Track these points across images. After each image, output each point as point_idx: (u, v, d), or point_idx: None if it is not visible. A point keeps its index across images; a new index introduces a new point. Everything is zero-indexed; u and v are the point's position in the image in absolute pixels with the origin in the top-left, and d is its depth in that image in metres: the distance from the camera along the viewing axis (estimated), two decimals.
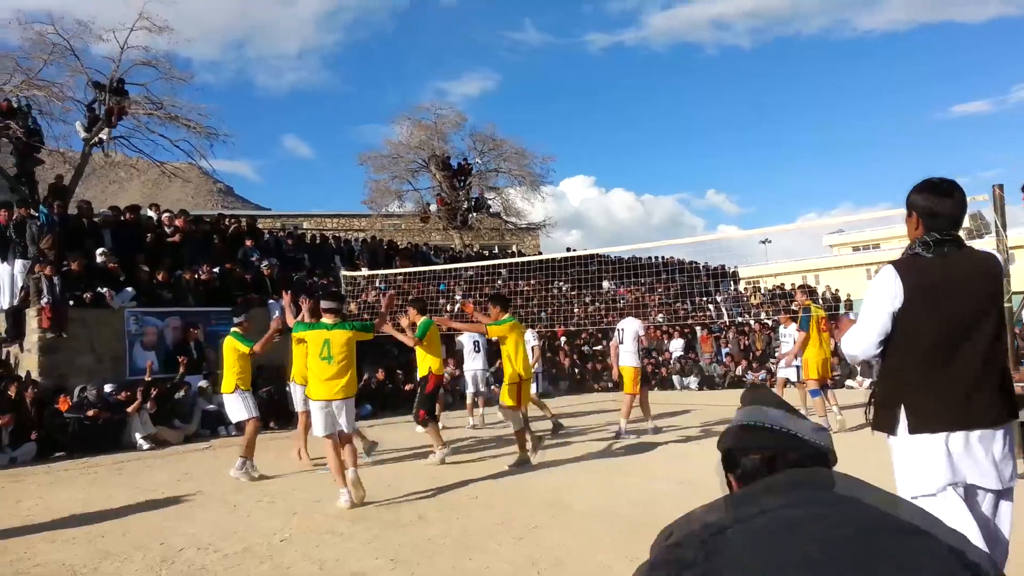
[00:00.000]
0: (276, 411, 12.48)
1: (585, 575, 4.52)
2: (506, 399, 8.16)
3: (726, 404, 14.72)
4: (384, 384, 14.96)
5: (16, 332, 12.15)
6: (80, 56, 20.07)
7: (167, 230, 15.81)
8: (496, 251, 30.35)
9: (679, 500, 6.20)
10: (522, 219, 31.81)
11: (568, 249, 27.48)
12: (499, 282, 20.32)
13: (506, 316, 8.42)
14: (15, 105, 18.84)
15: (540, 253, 30.50)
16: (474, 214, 29.87)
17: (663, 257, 26.16)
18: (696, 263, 27.49)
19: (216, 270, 15.11)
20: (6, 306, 12.42)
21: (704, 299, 23.67)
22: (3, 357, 12.11)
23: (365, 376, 14.01)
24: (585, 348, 20.42)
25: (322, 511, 6.35)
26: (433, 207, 30.07)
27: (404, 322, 9.14)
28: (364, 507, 6.42)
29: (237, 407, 8.24)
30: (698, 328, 21.84)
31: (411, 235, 30.69)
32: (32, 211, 13.37)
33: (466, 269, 19.36)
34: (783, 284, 29.79)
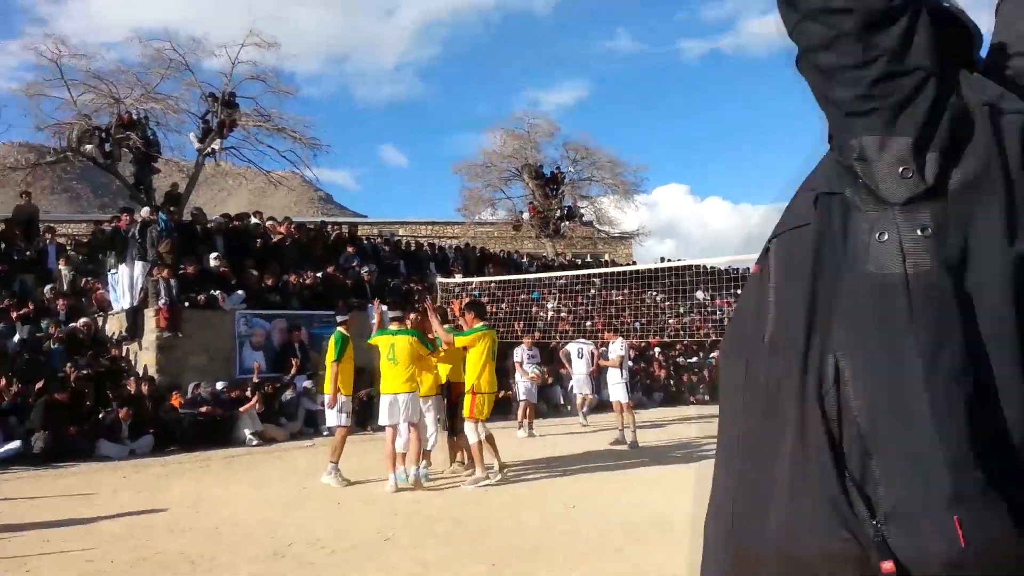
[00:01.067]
0: (374, 414, 12.76)
1: None
2: (466, 411, 7.94)
3: None
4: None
5: (135, 331, 12.89)
6: (194, 71, 21.26)
7: (273, 236, 16.48)
8: (588, 260, 30.23)
9: None
10: (615, 228, 31.58)
11: (662, 259, 27.09)
12: (592, 291, 20.23)
13: (479, 324, 8.10)
14: (135, 117, 20.08)
15: (633, 262, 30.17)
16: (566, 223, 29.84)
17: None
18: None
19: (319, 275, 15.64)
20: (127, 306, 13.19)
21: None
22: (123, 354, 12.85)
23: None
24: (680, 359, 20.05)
25: (422, 513, 6.45)
26: (525, 215, 30.22)
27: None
28: (464, 511, 6.48)
29: (333, 412, 8.37)
30: None
31: (503, 243, 30.93)
32: (152, 217, 14.16)
33: (559, 278, 19.34)
34: None
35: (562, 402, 16.43)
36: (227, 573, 4.79)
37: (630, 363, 11.39)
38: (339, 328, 8.59)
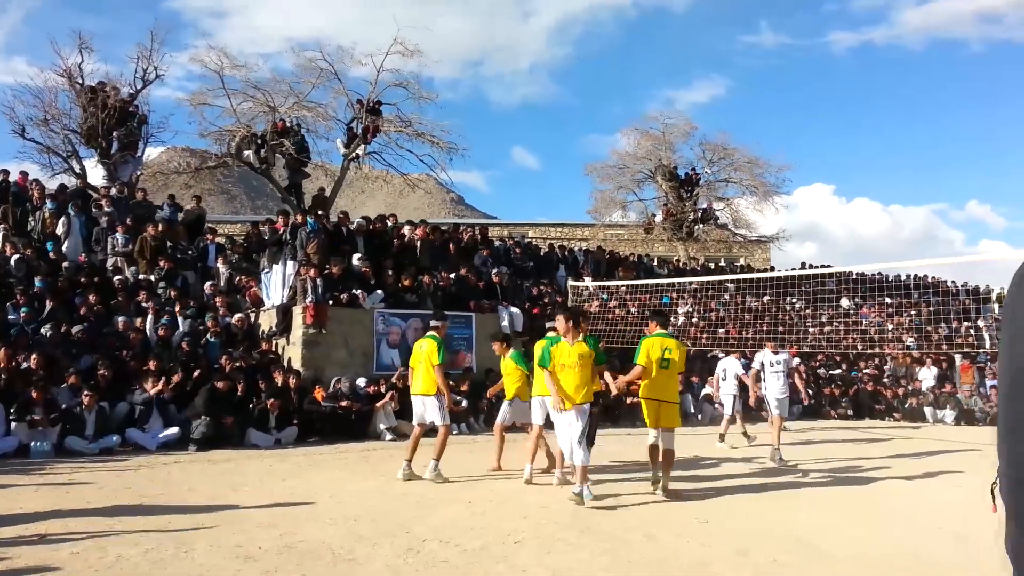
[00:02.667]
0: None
1: None
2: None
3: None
4: (607, 394, 14.92)
5: (285, 326, 13.67)
6: (342, 79, 22.28)
7: (410, 237, 17.03)
8: (722, 264, 29.33)
9: (952, 556, 5.53)
10: (752, 231, 30.46)
11: (803, 264, 25.88)
12: (726, 297, 19.60)
13: (658, 331, 8.08)
14: (288, 125, 21.31)
15: (771, 268, 29.01)
16: (701, 225, 29.07)
17: (914, 275, 23.80)
18: (954, 283, 24.69)
19: (452, 276, 16.01)
20: (278, 303, 14.01)
21: (963, 324, 21.14)
22: (273, 348, 13.66)
23: None
24: (821, 371, 19.07)
25: (552, 518, 6.44)
26: (658, 217, 29.71)
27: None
28: (592, 519, 6.42)
29: (434, 410, 8.40)
30: (957, 357, 19.52)
31: (634, 245, 30.57)
32: (302, 220, 14.98)
33: (691, 283, 18.87)
34: None
35: (692, 411, 16.00)
36: (365, 565, 4.96)
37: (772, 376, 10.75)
38: (433, 332, 8.60)
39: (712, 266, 27.96)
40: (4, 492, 7.26)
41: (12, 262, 13.34)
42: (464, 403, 13.08)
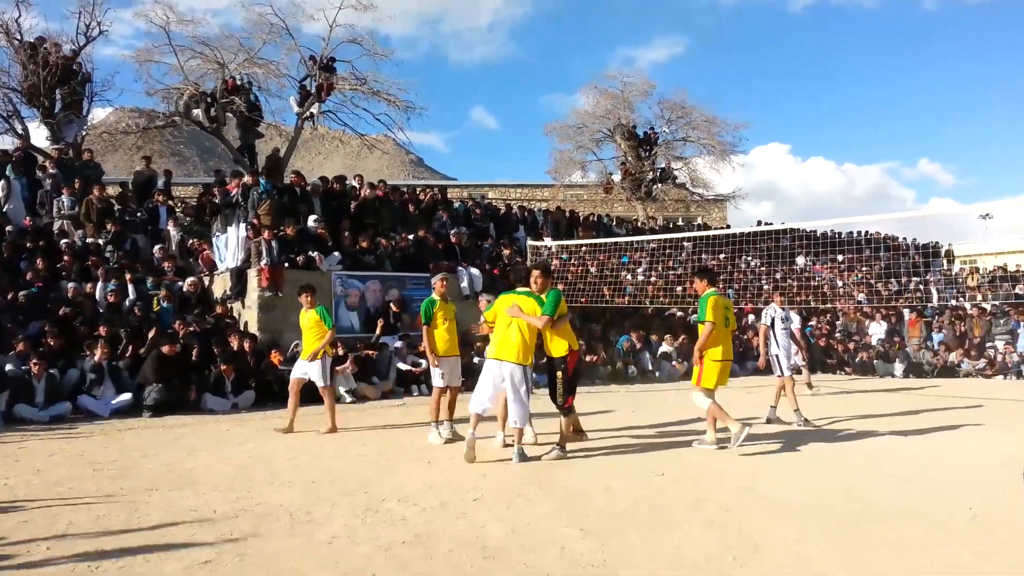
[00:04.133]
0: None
1: (784, 566, 4.26)
2: (693, 379, 7.88)
3: (942, 394, 13.45)
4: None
5: (240, 290, 13.43)
6: (294, 35, 21.69)
7: (366, 196, 16.78)
8: (680, 223, 29.57)
9: (895, 497, 5.71)
10: (709, 190, 30.67)
11: (759, 222, 26.21)
12: (683, 256, 19.77)
13: (711, 290, 7.85)
14: (239, 83, 20.71)
15: (728, 226, 29.34)
16: (659, 185, 29.19)
17: (866, 232, 24.27)
18: (904, 239, 25.25)
19: (411, 237, 15.86)
20: (232, 267, 13.74)
21: (913, 279, 21.68)
22: (228, 311, 13.43)
23: None
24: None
25: (511, 475, 6.49)
26: (616, 177, 29.74)
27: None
28: (552, 475, 6.48)
29: (435, 373, 8.39)
30: (905, 311, 20.06)
31: (593, 206, 30.61)
32: (254, 180, 14.64)
33: (649, 241, 18.99)
34: (1006, 265, 26.64)
35: (650, 368, 16.22)
36: (323, 526, 4.93)
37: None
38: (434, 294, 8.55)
39: (670, 225, 28.16)
40: None
41: None
42: (423, 364, 13.05)
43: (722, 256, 20.08)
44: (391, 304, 14.05)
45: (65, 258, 13.01)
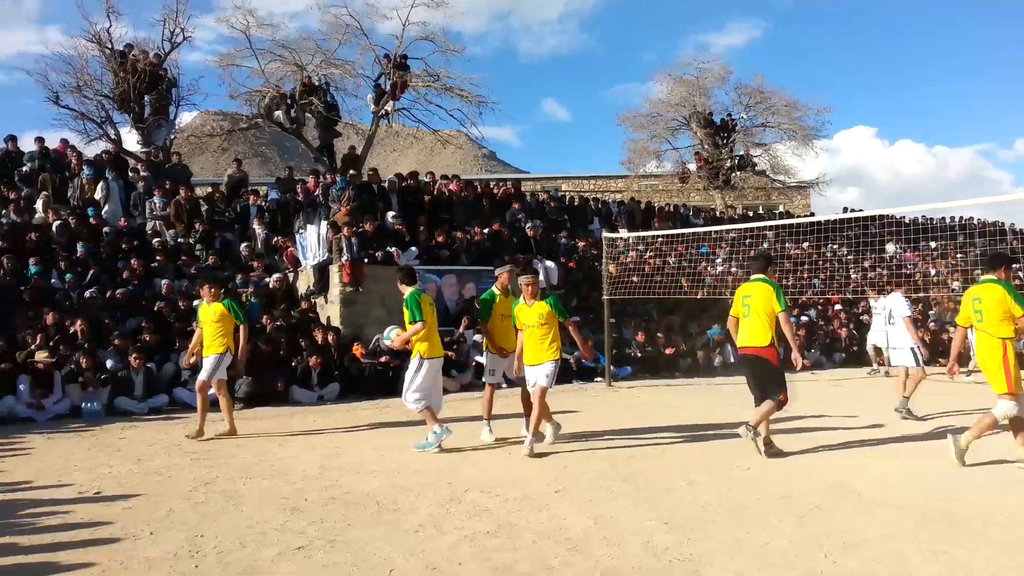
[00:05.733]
0: None
1: (877, 563, 4.10)
2: None
3: None
4: (644, 346, 14.88)
5: (322, 285, 13.79)
6: (368, 35, 22.10)
7: (445, 193, 16.98)
8: (761, 212, 28.81)
9: (990, 493, 5.43)
10: (791, 177, 29.75)
11: (845, 209, 25.30)
12: (765, 245, 19.26)
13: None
14: (316, 83, 21.24)
15: (812, 214, 28.41)
16: (738, 173, 28.48)
17: (960, 218, 23.15)
18: (1001, 224, 23.95)
19: (486, 231, 15.95)
20: (314, 263, 14.11)
21: (1013, 266, 20.50)
22: (311, 306, 13.79)
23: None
24: (864, 317, 18.72)
25: (592, 468, 6.45)
26: (692, 166, 29.18)
27: None
28: (634, 468, 6.42)
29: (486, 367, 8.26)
30: None
31: (669, 196, 30.11)
32: (335, 178, 15.00)
33: (728, 231, 18.55)
34: None
35: (732, 361, 15.85)
36: (409, 515, 5.02)
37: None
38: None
39: (750, 214, 27.47)
40: (60, 452, 7.50)
41: (54, 228, 13.59)
42: None
43: (806, 244, 19.48)
44: (472, 298, 14.18)
45: (158, 257, 13.62)
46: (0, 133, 16.56)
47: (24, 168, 15.52)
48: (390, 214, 15.15)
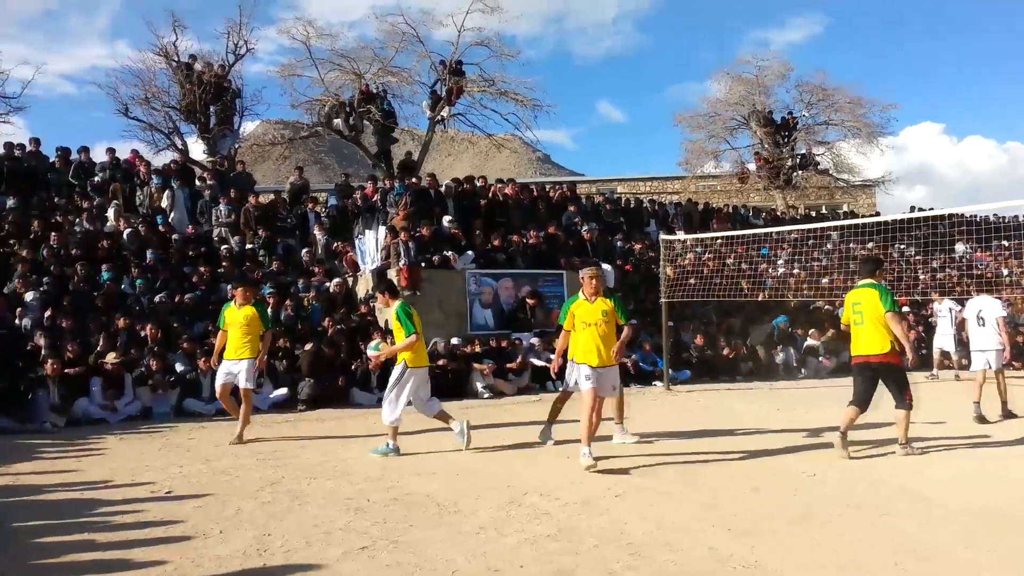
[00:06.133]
0: None
1: (951, 573, 3.95)
2: None
3: None
4: (703, 349, 14.66)
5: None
6: (424, 42, 22.39)
7: (499, 197, 17.05)
8: (824, 212, 28.13)
9: None
10: (856, 175, 28.97)
11: (912, 208, 24.51)
12: (829, 246, 18.80)
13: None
14: (374, 91, 21.58)
15: (877, 213, 27.61)
16: (799, 172, 27.87)
17: None
18: None
19: (541, 234, 15.95)
20: (372, 267, 14.32)
21: None
22: (370, 310, 13.99)
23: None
24: (932, 320, 18.09)
25: (654, 473, 6.38)
26: (752, 166, 28.67)
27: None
28: (696, 473, 6.32)
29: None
30: None
31: (728, 196, 29.65)
32: (392, 184, 15.21)
33: (790, 232, 18.14)
34: None
35: (795, 364, 15.51)
36: (469, 517, 5.05)
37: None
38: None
39: (813, 214, 26.83)
40: (132, 452, 7.77)
41: (125, 236, 14.10)
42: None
43: (870, 245, 18.91)
44: (526, 300, 14.21)
45: (224, 263, 14.00)
46: (73, 145, 17.32)
47: (96, 178, 16.12)
48: (446, 218, 15.28)
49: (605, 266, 15.66)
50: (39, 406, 9.51)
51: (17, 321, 11.09)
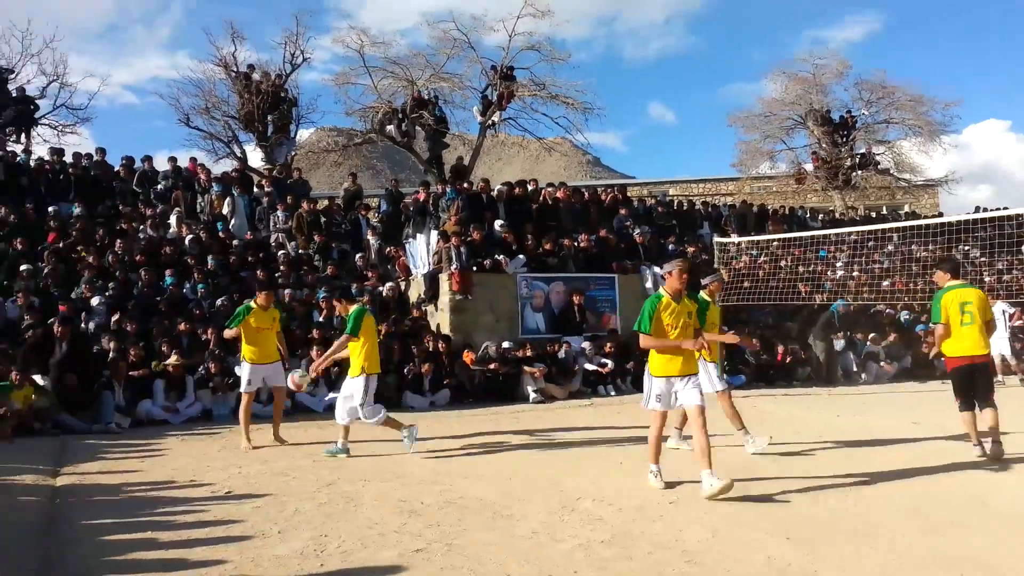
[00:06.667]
0: None
1: None
2: None
3: None
4: (758, 354, 14.38)
5: (432, 293, 14.10)
6: (475, 47, 22.51)
7: (548, 201, 17.03)
8: (884, 212, 27.36)
9: None
10: (917, 175, 28.12)
11: (977, 208, 23.67)
12: (889, 247, 18.29)
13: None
14: (425, 97, 21.79)
15: (940, 214, 26.74)
16: (859, 172, 27.17)
17: None
18: None
19: (593, 238, 15.87)
20: (424, 272, 14.45)
21: None
22: (423, 314, 14.13)
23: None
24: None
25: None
26: (809, 166, 28.06)
27: None
28: (751, 482, 6.20)
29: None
30: None
31: (784, 198, 29.06)
32: (444, 189, 15.33)
33: (849, 234, 17.70)
34: None
35: (855, 369, 15.11)
36: (522, 521, 5.04)
37: None
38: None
39: (873, 215, 26.13)
40: (193, 453, 7.98)
41: (187, 242, 14.51)
42: (610, 365, 13.07)
43: (931, 247, 18.32)
44: (574, 301, 14.16)
45: (282, 267, 14.30)
46: (136, 153, 17.95)
47: (159, 186, 16.65)
48: (498, 223, 15.32)
49: (657, 269, 15.51)
50: (105, 407, 9.84)
51: (84, 325, 11.50)
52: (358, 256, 15.45)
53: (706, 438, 5.71)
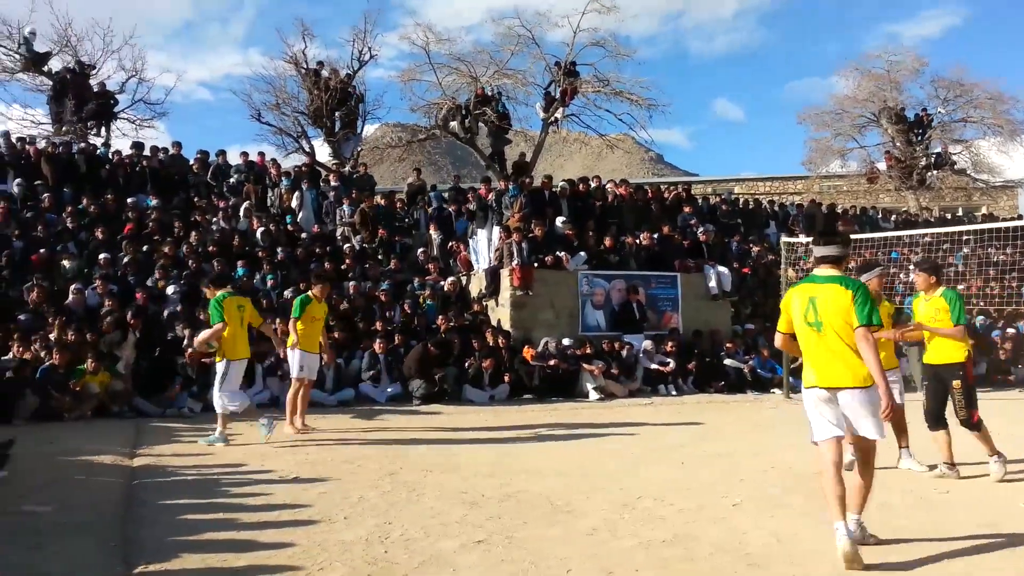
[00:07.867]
0: None
1: None
2: None
3: None
4: None
5: (493, 289, 14.19)
6: (539, 43, 22.45)
7: (610, 198, 16.95)
8: (960, 214, 26.36)
9: None
10: (996, 176, 26.98)
11: None
12: (965, 249, 17.64)
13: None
14: (489, 93, 21.87)
15: (1020, 216, 25.61)
16: (934, 172, 26.22)
17: None
18: None
19: (655, 236, 15.74)
20: (486, 267, 14.56)
21: None
22: (484, 310, 14.24)
23: None
24: None
25: (770, 482, 6.18)
26: (882, 165, 27.21)
27: None
28: (816, 485, 6.05)
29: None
30: None
31: (854, 197, 28.24)
32: (507, 185, 15.41)
33: (923, 235, 17.11)
34: None
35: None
36: (581, 518, 5.06)
37: None
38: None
39: (948, 216, 25.20)
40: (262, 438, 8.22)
41: (257, 235, 14.93)
42: (671, 364, 12.95)
43: (1009, 250, 17.57)
44: (631, 299, 14.06)
45: (347, 260, 14.60)
46: (211, 148, 18.51)
47: (231, 179, 17.18)
48: (560, 219, 15.33)
49: (722, 269, 15.30)
50: (178, 392, 10.22)
51: (159, 312, 11.95)
52: (420, 250, 15.66)
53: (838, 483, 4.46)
